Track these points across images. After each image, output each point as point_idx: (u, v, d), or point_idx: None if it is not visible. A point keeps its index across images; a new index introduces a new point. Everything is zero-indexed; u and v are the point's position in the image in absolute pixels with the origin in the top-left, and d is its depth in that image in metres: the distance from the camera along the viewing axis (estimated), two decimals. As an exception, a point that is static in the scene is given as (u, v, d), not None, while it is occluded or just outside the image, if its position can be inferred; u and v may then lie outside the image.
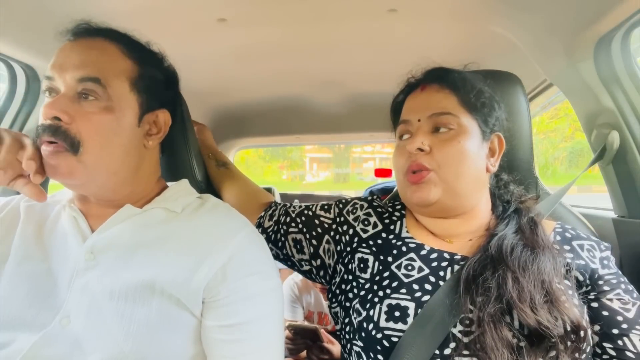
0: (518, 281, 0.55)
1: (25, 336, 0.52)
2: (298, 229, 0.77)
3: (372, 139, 2.18)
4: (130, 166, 0.59)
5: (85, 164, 0.54)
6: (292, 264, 0.80)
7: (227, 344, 0.55)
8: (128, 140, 0.57)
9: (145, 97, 0.59)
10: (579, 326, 0.53)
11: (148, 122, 0.61)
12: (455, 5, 0.90)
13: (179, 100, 0.72)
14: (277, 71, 1.29)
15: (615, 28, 0.73)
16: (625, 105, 0.80)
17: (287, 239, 0.77)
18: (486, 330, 0.52)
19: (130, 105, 0.57)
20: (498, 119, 0.68)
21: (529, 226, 0.63)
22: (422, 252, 0.65)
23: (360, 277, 0.66)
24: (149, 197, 0.63)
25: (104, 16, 0.70)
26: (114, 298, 0.53)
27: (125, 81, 0.57)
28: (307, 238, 0.76)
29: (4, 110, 0.97)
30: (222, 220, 0.62)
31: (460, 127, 0.64)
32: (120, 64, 0.57)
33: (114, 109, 0.55)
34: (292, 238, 0.77)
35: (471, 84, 0.66)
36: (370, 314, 0.60)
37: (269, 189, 1.97)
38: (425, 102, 0.67)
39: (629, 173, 0.83)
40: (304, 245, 0.76)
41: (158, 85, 0.62)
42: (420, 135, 0.64)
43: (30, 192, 0.53)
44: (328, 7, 0.89)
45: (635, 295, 0.60)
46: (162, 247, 0.57)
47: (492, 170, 0.68)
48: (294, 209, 0.80)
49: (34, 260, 0.57)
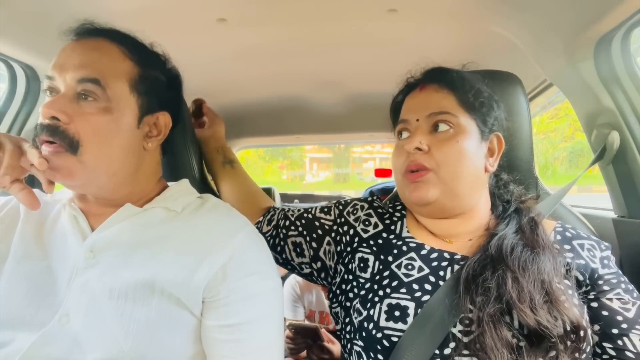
0: (518, 281, 0.55)
1: (24, 335, 0.52)
2: (298, 232, 0.77)
3: (372, 139, 2.18)
4: (129, 167, 0.58)
5: (85, 164, 0.54)
6: (292, 268, 0.79)
7: (227, 343, 0.55)
8: (127, 142, 0.57)
9: (145, 99, 0.59)
10: (579, 326, 0.53)
11: (148, 124, 0.60)
12: (455, 5, 0.90)
13: (181, 102, 0.72)
14: (277, 71, 1.29)
15: (615, 28, 0.73)
16: (625, 105, 0.80)
17: (286, 242, 0.77)
18: (486, 331, 0.52)
19: (129, 107, 0.57)
20: (497, 119, 0.68)
21: (529, 226, 0.63)
22: (422, 251, 0.65)
23: (361, 276, 0.66)
24: (150, 197, 0.63)
25: (104, 16, 0.69)
26: (114, 297, 0.53)
27: (125, 82, 0.57)
28: (308, 241, 0.76)
29: (4, 110, 0.97)
30: (223, 220, 0.62)
31: (459, 127, 0.64)
32: (120, 65, 0.57)
33: (112, 109, 0.55)
34: (292, 242, 0.77)
35: (470, 83, 0.66)
36: (371, 313, 0.60)
37: (269, 189, 1.97)
38: (423, 102, 0.67)
39: (629, 173, 0.83)
40: (304, 248, 0.76)
41: (159, 87, 0.61)
42: (418, 135, 0.64)
43: (25, 198, 0.53)
44: (328, 7, 0.89)
45: (635, 294, 0.60)
46: (162, 246, 0.57)
47: (491, 170, 0.67)
48: (293, 213, 0.80)
49: (34, 259, 0.57)
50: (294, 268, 0.79)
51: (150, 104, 0.60)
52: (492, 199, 0.70)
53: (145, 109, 0.59)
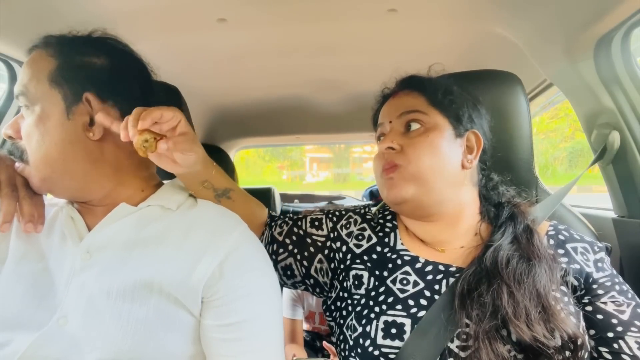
0: (513, 296, 0.55)
1: (22, 336, 0.52)
2: (288, 252, 0.75)
3: (372, 139, 2.17)
4: (80, 162, 0.57)
5: (36, 169, 0.57)
6: (287, 287, 0.79)
7: (226, 343, 0.55)
8: (60, 136, 0.56)
9: (69, 88, 0.56)
10: (576, 340, 0.53)
11: (83, 113, 0.57)
12: (455, 6, 0.90)
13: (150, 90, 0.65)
14: (277, 71, 1.29)
15: (615, 28, 0.73)
16: (625, 105, 0.80)
17: (277, 268, 0.76)
18: (481, 347, 0.52)
19: (52, 102, 0.56)
20: (471, 117, 0.68)
21: (525, 235, 0.63)
22: (417, 265, 0.65)
23: (356, 293, 0.65)
24: (144, 195, 0.62)
25: (104, 16, 0.70)
26: (112, 297, 0.53)
27: (44, 79, 0.56)
28: (298, 259, 0.74)
29: (4, 110, 0.97)
30: (218, 218, 0.62)
31: (430, 124, 0.65)
32: (41, 66, 0.57)
33: (35, 110, 0.56)
34: (282, 266, 0.75)
35: (439, 84, 0.69)
36: (367, 330, 0.59)
37: (269, 189, 1.97)
38: (395, 105, 0.70)
39: (629, 173, 0.83)
40: (294, 269, 0.75)
41: (91, 72, 0.57)
42: (391, 135, 0.67)
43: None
44: (328, 7, 0.89)
45: (630, 295, 0.60)
46: (159, 245, 0.56)
47: (468, 167, 0.67)
48: (282, 231, 0.76)
49: (32, 260, 0.57)
50: (289, 287, 0.79)
51: (78, 92, 0.57)
52: (482, 201, 0.69)
53: (71, 98, 0.56)
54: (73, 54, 0.58)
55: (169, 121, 0.56)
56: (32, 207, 0.58)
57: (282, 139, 2.21)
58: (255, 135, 2.04)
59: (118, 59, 0.61)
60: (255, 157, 7.29)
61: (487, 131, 0.71)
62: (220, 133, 1.91)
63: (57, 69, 0.56)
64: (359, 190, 3.58)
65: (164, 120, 0.55)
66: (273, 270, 0.63)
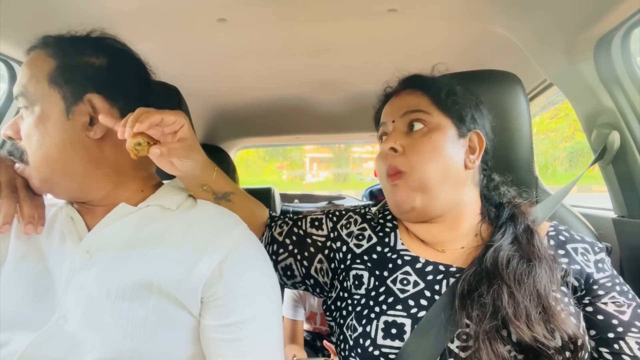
0: (514, 296, 0.55)
1: (22, 336, 0.52)
2: (288, 253, 0.75)
3: (372, 139, 2.18)
4: (80, 162, 0.57)
5: (36, 170, 0.57)
6: (287, 287, 0.79)
7: (226, 343, 0.55)
8: (60, 137, 0.56)
9: (69, 88, 0.56)
10: (576, 340, 0.53)
11: (83, 113, 0.57)
12: (455, 6, 0.90)
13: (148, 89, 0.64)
14: (277, 71, 1.29)
15: (615, 28, 0.73)
16: (625, 105, 0.80)
17: (277, 268, 0.76)
18: (482, 347, 0.52)
19: (51, 102, 0.56)
20: (474, 117, 0.68)
21: (526, 236, 0.63)
22: (417, 265, 0.64)
23: (356, 293, 0.65)
24: (144, 195, 0.62)
25: (104, 17, 0.70)
26: (111, 297, 0.53)
27: (43, 79, 0.56)
28: (298, 260, 0.74)
29: (4, 110, 0.97)
30: (217, 217, 0.62)
31: (433, 124, 0.65)
32: (40, 66, 0.57)
33: (34, 111, 0.56)
34: (282, 267, 0.75)
35: (442, 84, 0.69)
36: (367, 330, 0.59)
37: (269, 189, 1.97)
38: (398, 104, 0.69)
39: (629, 173, 0.83)
40: (294, 269, 0.75)
41: (91, 72, 0.58)
42: (394, 135, 0.66)
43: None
44: (328, 7, 0.89)
45: (630, 296, 0.60)
46: (159, 245, 0.56)
47: (471, 167, 0.67)
48: (282, 231, 0.77)
49: (31, 260, 0.57)
50: (289, 287, 0.79)
51: (78, 92, 0.56)
52: (483, 202, 0.69)
53: (71, 98, 0.56)
54: (72, 54, 0.58)
55: (170, 125, 0.55)
56: (32, 208, 0.58)
57: (282, 139, 2.21)
58: (255, 135, 2.04)
59: (117, 58, 0.61)
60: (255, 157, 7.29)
61: (489, 131, 0.71)
62: (220, 133, 1.91)
63: (56, 69, 0.56)
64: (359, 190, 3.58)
65: (165, 124, 0.55)
66: (273, 270, 0.63)
